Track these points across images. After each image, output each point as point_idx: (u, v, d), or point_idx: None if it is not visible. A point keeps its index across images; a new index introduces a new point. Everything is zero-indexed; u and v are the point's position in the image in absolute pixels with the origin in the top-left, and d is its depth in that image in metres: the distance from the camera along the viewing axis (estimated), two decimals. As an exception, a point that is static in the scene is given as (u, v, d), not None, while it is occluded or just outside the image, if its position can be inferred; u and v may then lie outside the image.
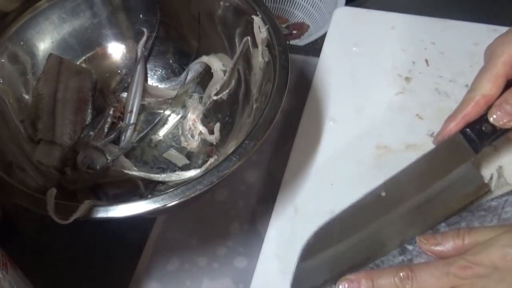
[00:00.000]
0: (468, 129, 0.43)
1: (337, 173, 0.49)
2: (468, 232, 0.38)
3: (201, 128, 0.54)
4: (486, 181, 0.44)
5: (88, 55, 0.58)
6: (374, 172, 0.49)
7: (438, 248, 0.39)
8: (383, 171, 0.48)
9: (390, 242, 0.42)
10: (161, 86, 0.59)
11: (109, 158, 0.51)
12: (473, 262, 0.36)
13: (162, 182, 0.50)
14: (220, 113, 0.55)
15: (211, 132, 0.54)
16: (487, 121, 0.43)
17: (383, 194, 0.43)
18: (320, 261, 0.41)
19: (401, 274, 0.37)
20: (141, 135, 0.55)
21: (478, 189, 0.44)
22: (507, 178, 0.46)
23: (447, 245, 0.39)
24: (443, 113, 0.52)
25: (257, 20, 0.49)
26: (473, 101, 0.43)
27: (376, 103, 0.54)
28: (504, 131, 0.43)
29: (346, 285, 0.38)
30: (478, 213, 0.43)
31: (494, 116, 0.42)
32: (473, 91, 0.43)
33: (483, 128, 0.43)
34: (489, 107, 0.43)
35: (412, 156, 0.47)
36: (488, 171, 0.46)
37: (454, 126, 0.44)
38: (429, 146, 0.50)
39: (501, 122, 0.42)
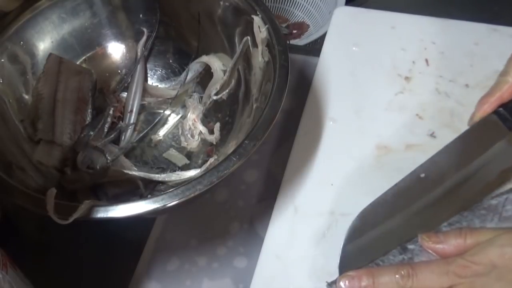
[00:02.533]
0: (501, 109, 0.44)
1: (337, 173, 0.49)
2: (470, 232, 0.39)
3: (201, 128, 0.54)
4: None
5: (88, 55, 0.58)
6: (374, 172, 0.49)
7: (440, 246, 0.39)
8: (383, 171, 0.49)
9: (433, 221, 0.42)
10: (161, 86, 0.59)
11: (109, 158, 0.51)
12: (472, 262, 0.36)
13: (162, 182, 0.50)
14: (220, 113, 0.55)
15: (211, 132, 0.54)
16: None
17: (422, 175, 0.43)
18: (366, 241, 0.41)
19: (402, 272, 0.37)
20: (141, 135, 0.55)
21: None
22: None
23: (449, 244, 0.39)
24: (443, 113, 0.52)
25: (257, 20, 0.49)
26: (508, 84, 0.44)
27: (376, 103, 0.54)
28: None
29: (347, 282, 0.38)
30: (478, 212, 0.43)
31: None
32: (507, 74, 0.44)
33: None
34: None
35: (412, 156, 0.47)
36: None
37: (488, 107, 0.44)
38: (429, 146, 0.50)
39: None
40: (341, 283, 0.39)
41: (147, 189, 0.50)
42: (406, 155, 0.49)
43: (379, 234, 0.42)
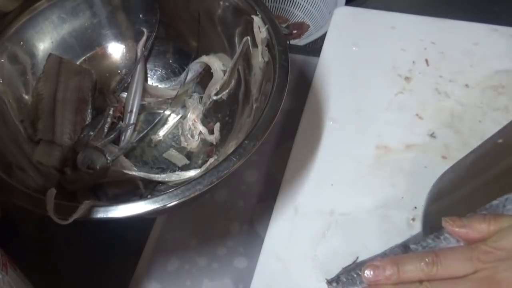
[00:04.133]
0: None
1: (337, 173, 0.49)
2: (494, 218, 0.39)
3: (201, 128, 0.54)
4: None
5: (88, 55, 0.58)
6: (374, 172, 0.49)
7: (464, 230, 0.39)
8: (383, 171, 0.49)
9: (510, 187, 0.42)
10: (161, 86, 0.59)
11: (109, 158, 0.51)
12: (495, 247, 0.37)
13: (162, 182, 0.50)
14: (220, 113, 0.55)
15: (211, 132, 0.54)
16: None
17: (500, 141, 0.42)
18: (448, 203, 0.42)
19: (426, 259, 0.37)
20: (141, 135, 0.55)
21: None
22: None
23: (473, 229, 0.39)
24: (443, 113, 0.52)
25: (257, 20, 0.49)
26: None
27: (376, 103, 0.54)
28: None
29: (371, 272, 0.38)
30: (481, 212, 0.43)
31: None
32: None
33: None
34: None
35: (412, 156, 0.47)
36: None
37: None
38: (429, 146, 0.50)
39: None
40: (366, 273, 0.39)
41: (147, 189, 0.50)
42: (406, 155, 0.49)
43: (460, 196, 0.42)
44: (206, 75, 0.57)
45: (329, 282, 0.42)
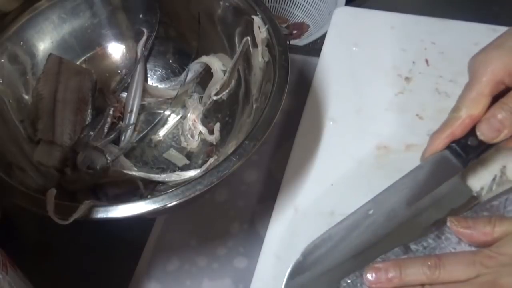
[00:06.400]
0: (454, 144, 0.43)
1: (337, 173, 0.49)
2: (499, 221, 0.39)
3: (201, 128, 0.54)
4: (475, 194, 0.44)
5: (88, 55, 0.58)
6: (374, 172, 0.49)
7: (468, 231, 0.39)
8: (383, 171, 0.49)
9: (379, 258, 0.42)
10: (161, 86, 0.59)
11: (109, 158, 0.51)
12: (498, 253, 0.37)
13: (162, 182, 0.50)
14: (220, 113, 0.55)
15: (211, 132, 0.54)
16: (473, 135, 0.42)
17: (371, 211, 0.42)
18: (309, 278, 0.41)
19: (429, 263, 0.37)
20: (141, 135, 0.55)
21: (467, 202, 0.43)
22: (509, 175, 0.46)
23: (477, 230, 0.39)
24: (443, 113, 0.52)
25: (257, 20, 0.49)
26: (459, 121, 0.43)
27: (376, 103, 0.54)
28: (491, 144, 0.42)
29: (374, 274, 0.38)
30: (481, 213, 0.43)
31: (482, 131, 0.42)
32: (459, 110, 0.43)
33: (469, 143, 0.42)
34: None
35: (412, 156, 0.47)
36: (492, 172, 0.46)
37: (440, 143, 0.43)
38: (429, 146, 0.50)
39: (488, 137, 0.42)
40: (368, 275, 0.38)
41: (147, 189, 0.50)
42: (406, 155, 0.49)
43: (322, 271, 0.41)
44: (206, 75, 0.57)
45: None
